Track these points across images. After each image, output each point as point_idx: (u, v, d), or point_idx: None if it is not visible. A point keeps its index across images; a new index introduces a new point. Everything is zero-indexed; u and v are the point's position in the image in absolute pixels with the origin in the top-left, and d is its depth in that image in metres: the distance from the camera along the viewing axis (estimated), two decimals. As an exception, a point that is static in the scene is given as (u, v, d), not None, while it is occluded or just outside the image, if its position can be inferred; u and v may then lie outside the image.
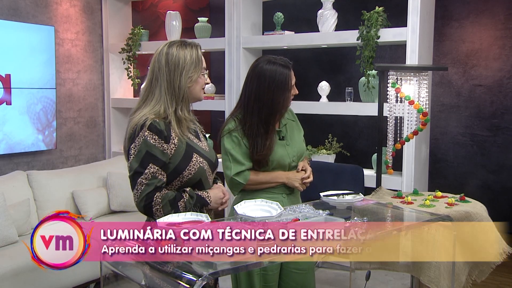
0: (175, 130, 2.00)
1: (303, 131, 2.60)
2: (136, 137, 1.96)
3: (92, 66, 5.31)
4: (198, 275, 1.50)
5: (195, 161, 2.03)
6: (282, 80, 2.34)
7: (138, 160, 1.94)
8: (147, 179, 1.93)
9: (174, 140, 1.99)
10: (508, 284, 3.87)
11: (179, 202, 1.96)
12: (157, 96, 2.02)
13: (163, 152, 1.95)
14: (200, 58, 2.05)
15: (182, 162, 2.00)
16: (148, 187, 1.92)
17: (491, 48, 4.32)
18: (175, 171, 1.99)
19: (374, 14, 3.80)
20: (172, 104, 2.01)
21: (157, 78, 2.02)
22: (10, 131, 4.41)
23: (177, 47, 2.04)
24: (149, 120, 1.95)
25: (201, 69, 2.06)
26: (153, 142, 1.94)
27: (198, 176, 2.04)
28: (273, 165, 2.40)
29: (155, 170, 1.93)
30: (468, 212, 2.58)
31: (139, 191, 1.93)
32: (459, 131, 4.48)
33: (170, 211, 1.92)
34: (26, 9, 4.65)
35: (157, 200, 1.92)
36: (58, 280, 3.39)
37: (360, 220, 2.00)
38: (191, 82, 2.03)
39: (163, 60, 2.02)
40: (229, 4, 4.50)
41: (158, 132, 1.95)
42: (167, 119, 2.00)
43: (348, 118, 4.69)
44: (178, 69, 2.00)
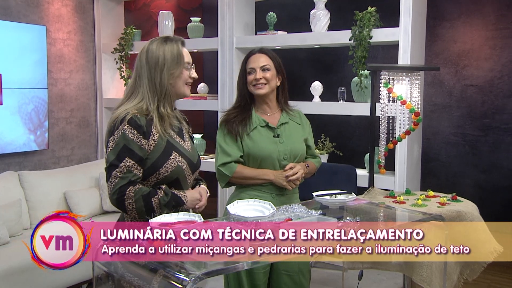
0: (157, 127, 2.00)
1: (312, 137, 2.63)
2: (116, 130, 1.96)
3: (84, 66, 5.28)
4: (190, 275, 1.50)
5: (174, 159, 2.01)
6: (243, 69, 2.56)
7: (115, 153, 1.93)
8: (121, 172, 1.92)
9: (155, 137, 1.99)
10: (499, 283, 3.90)
11: (153, 198, 1.94)
12: (140, 94, 2.02)
13: (140, 147, 1.95)
14: (180, 53, 2.04)
15: (160, 159, 1.99)
16: (122, 180, 1.91)
17: (482, 48, 4.35)
18: (152, 167, 1.98)
19: (367, 14, 3.81)
20: (154, 101, 2.01)
21: (140, 76, 2.03)
22: (1, 131, 4.38)
23: (157, 43, 2.04)
24: (129, 115, 1.95)
25: (183, 64, 2.04)
26: (131, 137, 1.93)
27: (175, 174, 2.02)
28: (260, 160, 2.43)
29: (130, 164, 1.93)
30: (459, 212, 2.59)
31: (112, 184, 1.92)
32: (451, 131, 4.50)
33: (143, 206, 1.92)
34: (17, 8, 4.62)
35: (129, 194, 1.91)
36: (51, 281, 3.38)
37: (353, 220, 2.00)
38: (173, 78, 2.03)
39: (143, 58, 2.03)
40: (221, 4, 4.50)
41: (137, 126, 1.94)
42: (149, 116, 2.00)
43: (340, 118, 4.70)
44: (158, 66, 2.00)
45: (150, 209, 1.93)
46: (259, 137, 2.44)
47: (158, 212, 1.94)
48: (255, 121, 2.47)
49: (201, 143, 4.81)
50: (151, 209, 1.93)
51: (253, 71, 2.46)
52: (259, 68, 2.45)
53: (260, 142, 2.43)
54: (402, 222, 2.34)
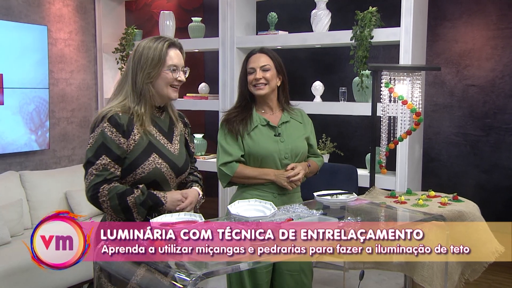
0: (138, 126, 1.98)
1: (314, 136, 2.63)
2: (96, 127, 1.96)
3: (86, 66, 5.28)
4: (191, 275, 1.50)
5: (152, 161, 1.99)
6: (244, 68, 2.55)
7: (92, 150, 1.94)
8: (97, 170, 1.92)
9: (135, 136, 1.97)
10: (500, 283, 3.90)
11: (129, 197, 1.92)
12: (124, 91, 2.03)
13: (118, 146, 1.94)
14: (162, 54, 2.00)
15: (138, 159, 1.97)
16: (98, 177, 1.91)
17: (484, 48, 4.35)
18: (130, 166, 1.97)
19: (368, 14, 3.81)
20: (134, 100, 2.00)
21: (127, 73, 2.04)
22: (2, 131, 4.39)
23: (147, 42, 2.02)
24: (111, 112, 1.95)
25: (162, 65, 2.00)
26: (110, 135, 1.93)
27: (152, 176, 1.99)
28: (261, 158, 2.42)
29: (107, 162, 1.92)
30: (461, 212, 2.59)
31: (88, 181, 1.93)
32: (452, 131, 4.50)
33: (118, 205, 1.91)
34: (18, 8, 4.62)
35: (103, 192, 1.91)
36: (51, 281, 3.38)
37: (354, 220, 2.00)
38: (149, 78, 1.99)
39: (133, 55, 2.03)
40: (223, 4, 4.50)
41: (116, 125, 1.94)
42: (131, 114, 1.99)
43: (341, 118, 4.70)
44: (139, 64, 1.99)
45: (126, 207, 1.92)
46: (260, 136, 2.44)
47: (135, 211, 1.93)
48: (256, 120, 2.47)
49: (202, 143, 4.81)
50: (127, 207, 1.92)
51: (253, 71, 2.46)
52: (259, 68, 2.45)
53: (260, 141, 2.43)
54: (403, 222, 2.33)
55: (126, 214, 1.93)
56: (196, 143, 4.78)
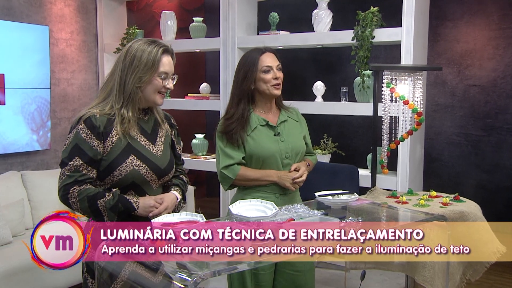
0: (117, 128, 1.96)
1: (308, 134, 2.61)
2: (73, 128, 1.96)
3: (87, 66, 5.29)
4: (192, 275, 1.50)
5: (130, 162, 1.97)
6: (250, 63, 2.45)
7: (67, 151, 1.94)
8: (69, 171, 1.91)
9: (113, 138, 1.96)
10: (501, 283, 3.89)
11: (99, 200, 1.91)
12: (108, 90, 2.00)
13: (91, 148, 1.92)
14: (156, 60, 1.97)
15: (116, 161, 1.96)
16: (69, 178, 1.91)
17: (485, 48, 4.34)
18: (107, 168, 1.96)
19: (369, 14, 3.81)
20: (119, 101, 1.98)
21: (114, 72, 2.00)
22: (4, 131, 4.39)
23: (140, 44, 1.99)
24: (88, 114, 1.94)
25: (156, 72, 1.98)
26: (84, 137, 1.92)
27: (130, 178, 1.97)
28: (262, 159, 2.40)
29: (79, 164, 1.91)
30: (462, 212, 2.59)
31: (60, 181, 1.93)
32: (453, 131, 4.49)
33: (88, 207, 1.90)
34: (20, 8, 4.63)
35: (73, 193, 1.91)
36: (53, 281, 3.38)
37: (355, 220, 2.00)
38: (140, 82, 1.97)
39: (123, 55, 2.00)
40: (224, 4, 4.50)
41: (91, 127, 1.93)
42: (111, 116, 1.97)
43: (343, 118, 4.70)
44: (131, 67, 1.96)
45: (96, 210, 1.91)
46: (260, 136, 2.43)
47: (105, 215, 1.92)
48: (255, 121, 2.45)
49: (203, 143, 4.81)
50: (97, 210, 1.91)
51: (270, 69, 2.41)
52: (276, 67, 2.43)
53: (261, 141, 2.42)
54: (405, 223, 2.33)
55: (96, 217, 1.93)
56: (197, 143, 4.78)
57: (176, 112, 5.10)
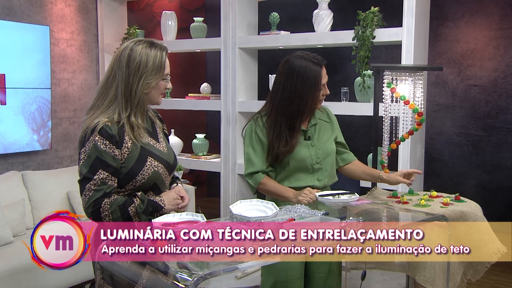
0: (129, 134, 1.93)
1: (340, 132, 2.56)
2: (87, 141, 1.88)
3: (88, 66, 5.29)
4: (193, 275, 1.50)
5: (149, 165, 1.96)
6: (312, 77, 2.29)
7: (87, 166, 1.87)
8: (96, 185, 1.86)
9: (128, 144, 1.93)
10: (502, 283, 3.89)
11: (129, 207, 1.89)
12: (111, 97, 1.93)
13: (114, 158, 1.89)
14: (163, 64, 1.95)
15: (136, 167, 1.93)
16: (97, 193, 1.86)
17: (486, 48, 4.34)
18: (128, 175, 1.93)
19: (370, 14, 3.81)
20: (127, 109, 1.93)
21: (115, 77, 1.93)
22: (4, 131, 4.40)
23: (142, 47, 1.93)
24: (100, 124, 1.88)
25: (162, 75, 1.96)
26: (104, 148, 1.87)
27: (152, 180, 1.97)
28: (293, 164, 2.37)
29: (104, 176, 1.87)
30: (463, 212, 2.58)
31: (87, 197, 1.87)
32: (454, 131, 4.49)
33: (120, 217, 1.88)
34: (20, 8, 4.63)
35: (105, 206, 1.86)
36: (54, 281, 3.38)
37: (356, 220, 2.00)
38: (149, 88, 1.94)
39: (124, 60, 1.92)
40: (224, 4, 4.50)
41: (109, 137, 1.88)
42: (120, 123, 1.93)
43: (343, 118, 4.69)
44: (138, 73, 1.91)
45: (128, 218, 1.89)
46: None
47: (136, 220, 1.90)
48: None
49: (204, 143, 4.81)
50: (129, 218, 1.89)
51: (323, 87, 2.37)
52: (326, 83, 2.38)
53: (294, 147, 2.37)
54: (405, 223, 2.33)
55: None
56: (198, 143, 4.78)
57: (176, 112, 5.12)
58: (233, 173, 4.56)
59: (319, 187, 2.42)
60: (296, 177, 2.40)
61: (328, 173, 2.48)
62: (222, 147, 4.59)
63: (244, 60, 4.53)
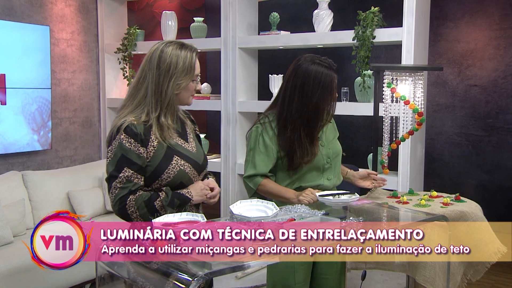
0: (156, 133, 1.95)
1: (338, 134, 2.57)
2: (113, 140, 1.92)
3: (88, 66, 5.29)
4: (193, 275, 1.50)
5: (175, 163, 1.98)
6: (328, 83, 2.26)
7: (113, 164, 1.90)
8: (121, 183, 1.89)
9: (154, 143, 1.94)
10: (502, 283, 3.89)
11: (155, 201, 1.91)
12: (141, 97, 1.96)
13: (139, 156, 1.91)
14: (193, 65, 1.97)
15: (161, 165, 1.95)
16: (122, 190, 1.89)
17: (486, 48, 4.34)
18: (153, 174, 1.95)
19: (370, 14, 3.81)
20: (157, 109, 1.95)
21: (146, 78, 1.96)
22: (4, 131, 4.40)
23: (173, 48, 1.96)
24: (126, 123, 1.91)
25: (192, 76, 1.98)
26: (129, 146, 1.90)
27: (178, 179, 1.98)
28: (306, 167, 2.36)
29: (130, 174, 1.90)
30: (463, 212, 2.58)
31: (113, 195, 1.90)
32: (454, 131, 4.49)
33: (147, 212, 1.90)
34: (21, 8, 4.63)
35: (130, 203, 1.89)
36: (54, 281, 3.38)
37: (356, 220, 2.00)
38: (179, 89, 1.96)
39: (155, 61, 1.95)
40: (224, 4, 4.50)
41: (134, 135, 1.90)
42: (148, 123, 1.95)
43: (343, 118, 4.69)
44: (168, 74, 1.93)
45: (155, 212, 1.91)
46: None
47: (163, 213, 1.91)
48: None
49: (204, 143, 4.81)
50: (155, 212, 1.91)
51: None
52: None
53: None
54: (405, 223, 2.33)
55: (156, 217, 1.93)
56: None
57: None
58: (233, 173, 4.56)
59: (329, 186, 2.43)
60: (307, 178, 2.40)
61: (337, 172, 2.49)
62: (222, 147, 4.59)
63: (244, 60, 4.53)
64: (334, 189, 2.45)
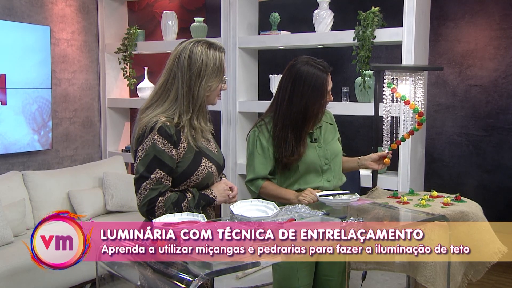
0: (188, 136, 1.92)
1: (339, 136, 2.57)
2: (145, 139, 1.88)
3: (88, 66, 5.29)
4: (194, 275, 1.50)
5: (204, 165, 1.97)
6: (319, 85, 2.27)
7: (144, 164, 1.87)
8: (152, 184, 1.87)
9: (184, 144, 1.92)
10: (503, 283, 3.89)
11: (183, 203, 1.91)
12: (171, 98, 1.92)
13: (171, 158, 1.89)
14: (222, 66, 1.94)
15: (190, 167, 1.94)
16: (152, 192, 1.87)
17: (487, 48, 4.34)
18: (182, 175, 1.94)
19: (370, 14, 3.81)
20: (189, 111, 1.92)
21: (175, 78, 1.91)
22: (5, 131, 4.40)
23: (202, 48, 1.91)
24: (159, 123, 1.87)
25: (221, 76, 1.96)
26: (162, 147, 1.87)
27: (205, 181, 1.98)
28: (302, 168, 2.37)
29: (161, 176, 1.87)
30: (463, 212, 2.58)
31: (142, 196, 1.87)
32: (454, 131, 4.49)
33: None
34: (21, 8, 4.63)
35: (159, 205, 1.88)
36: (54, 281, 3.38)
37: (356, 220, 2.00)
38: (210, 91, 1.94)
39: (185, 61, 1.90)
40: (225, 4, 4.50)
41: (167, 136, 1.87)
42: (179, 125, 1.92)
43: (344, 118, 4.69)
44: (199, 76, 1.90)
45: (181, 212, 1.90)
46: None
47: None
48: None
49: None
50: (181, 212, 1.90)
51: (328, 93, 2.36)
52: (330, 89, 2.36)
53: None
54: (406, 223, 2.33)
55: None
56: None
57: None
58: (234, 173, 4.56)
59: (329, 188, 2.43)
60: (306, 180, 2.40)
61: (337, 173, 2.48)
62: (223, 147, 4.59)
63: (245, 60, 4.53)
64: (336, 190, 2.44)
